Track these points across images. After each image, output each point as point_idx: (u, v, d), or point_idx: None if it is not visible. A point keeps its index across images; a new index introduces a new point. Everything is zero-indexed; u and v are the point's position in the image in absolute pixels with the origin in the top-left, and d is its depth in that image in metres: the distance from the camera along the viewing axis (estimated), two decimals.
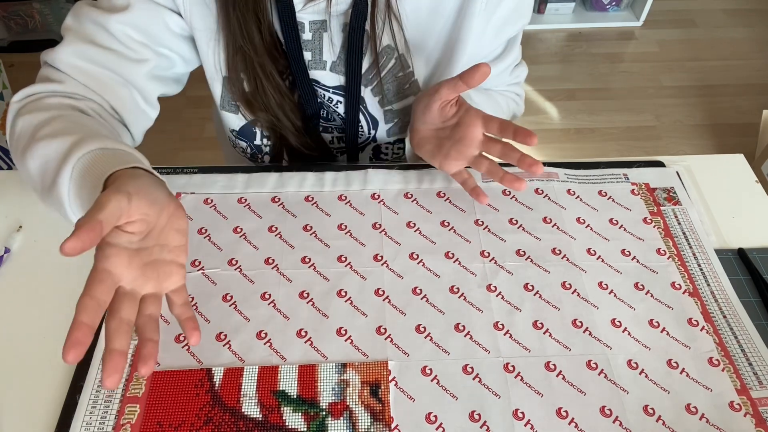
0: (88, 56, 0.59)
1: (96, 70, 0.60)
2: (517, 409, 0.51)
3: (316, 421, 0.49)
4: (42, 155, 0.51)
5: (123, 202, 0.41)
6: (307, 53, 0.66)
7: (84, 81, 0.59)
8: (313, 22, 0.63)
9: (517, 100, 0.81)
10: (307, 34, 0.64)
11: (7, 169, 1.45)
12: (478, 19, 0.63)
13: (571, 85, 2.04)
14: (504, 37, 0.68)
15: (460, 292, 0.58)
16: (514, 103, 0.80)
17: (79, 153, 0.49)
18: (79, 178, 0.48)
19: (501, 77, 0.75)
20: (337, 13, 0.62)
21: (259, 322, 0.56)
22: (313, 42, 0.65)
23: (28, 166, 0.52)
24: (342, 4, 0.61)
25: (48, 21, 2.01)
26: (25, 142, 0.53)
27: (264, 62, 0.63)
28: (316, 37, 0.65)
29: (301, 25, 0.63)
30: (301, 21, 0.63)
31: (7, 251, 0.60)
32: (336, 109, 0.72)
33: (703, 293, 0.59)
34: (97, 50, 0.59)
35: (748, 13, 2.33)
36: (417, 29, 0.65)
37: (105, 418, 0.49)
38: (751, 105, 1.94)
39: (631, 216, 0.66)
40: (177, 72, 0.68)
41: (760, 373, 0.54)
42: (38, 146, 0.51)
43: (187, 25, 0.63)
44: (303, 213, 0.65)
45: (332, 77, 0.68)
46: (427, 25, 0.65)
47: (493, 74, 0.72)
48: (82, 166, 0.49)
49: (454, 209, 0.66)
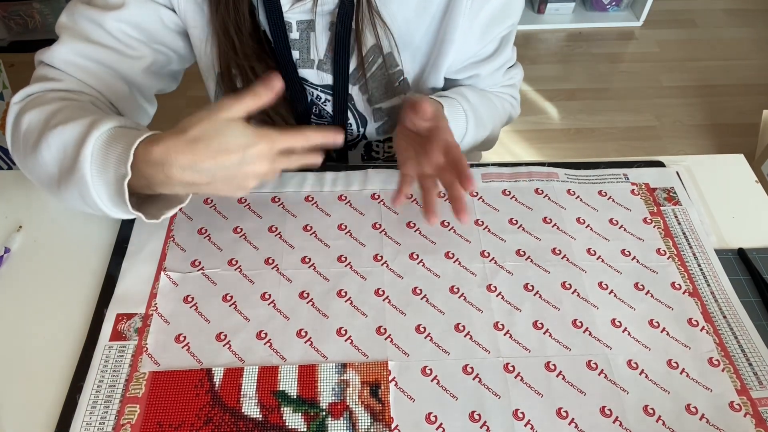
0: (85, 54, 0.60)
1: (93, 67, 0.60)
2: (517, 409, 0.51)
3: (316, 422, 0.49)
4: (59, 141, 0.51)
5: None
6: (295, 52, 0.66)
7: (82, 78, 0.59)
8: (301, 22, 0.64)
9: (513, 102, 0.80)
10: (294, 33, 0.65)
11: (7, 169, 1.45)
12: (464, 17, 0.63)
13: (571, 85, 2.04)
14: (492, 35, 0.67)
15: (460, 292, 0.58)
16: (510, 106, 0.80)
17: (99, 131, 0.49)
18: (101, 155, 0.49)
19: (494, 77, 0.74)
20: (323, 13, 0.63)
21: (259, 322, 0.56)
22: (300, 41, 0.66)
23: (42, 157, 0.52)
24: (328, 3, 0.61)
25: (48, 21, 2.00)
26: (36, 135, 0.53)
27: (253, 62, 0.64)
28: (304, 37, 0.65)
29: (289, 25, 0.64)
30: (289, 21, 0.64)
31: (7, 251, 0.60)
32: (324, 107, 0.72)
33: (703, 293, 0.59)
34: (93, 48, 0.60)
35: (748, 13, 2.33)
36: (404, 28, 0.65)
37: (105, 418, 0.49)
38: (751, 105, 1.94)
39: (631, 216, 0.66)
40: (174, 68, 0.69)
41: (760, 373, 0.54)
42: (53, 134, 0.51)
43: (181, 21, 0.64)
44: (303, 213, 0.65)
45: (319, 76, 0.68)
46: (415, 23, 0.65)
47: (485, 74, 0.72)
48: (102, 142, 0.49)
49: None
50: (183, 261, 0.60)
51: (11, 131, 0.57)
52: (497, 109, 0.76)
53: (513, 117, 0.82)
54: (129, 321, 0.55)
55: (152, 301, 0.56)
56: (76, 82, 0.59)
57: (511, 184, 0.68)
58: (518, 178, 0.69)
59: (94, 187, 0.50)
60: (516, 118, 0.83)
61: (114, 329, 0.54)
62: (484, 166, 0.70)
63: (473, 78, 0.72)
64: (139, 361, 0.52)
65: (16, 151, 0.57)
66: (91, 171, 0.49)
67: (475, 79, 0.72)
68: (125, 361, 0.52)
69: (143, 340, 0.54)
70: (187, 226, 0.63)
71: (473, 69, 0.71)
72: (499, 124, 0.77)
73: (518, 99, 0.82)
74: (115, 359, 0.52)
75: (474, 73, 0.71)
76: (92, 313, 0.56)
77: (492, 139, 0.77)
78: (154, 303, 0.56)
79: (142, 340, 0.54)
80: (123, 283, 0.58)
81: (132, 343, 0.54)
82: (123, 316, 0.55)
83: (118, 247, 0.61)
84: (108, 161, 0.49)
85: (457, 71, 0.71)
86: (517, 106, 0.82)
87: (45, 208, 0.65)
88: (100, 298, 0.57)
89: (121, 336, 0.54)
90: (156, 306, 0.56)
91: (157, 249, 0.60)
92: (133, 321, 0.55)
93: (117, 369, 0.52)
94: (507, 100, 0.79)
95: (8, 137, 0.58)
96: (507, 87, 0.78)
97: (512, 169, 0.69)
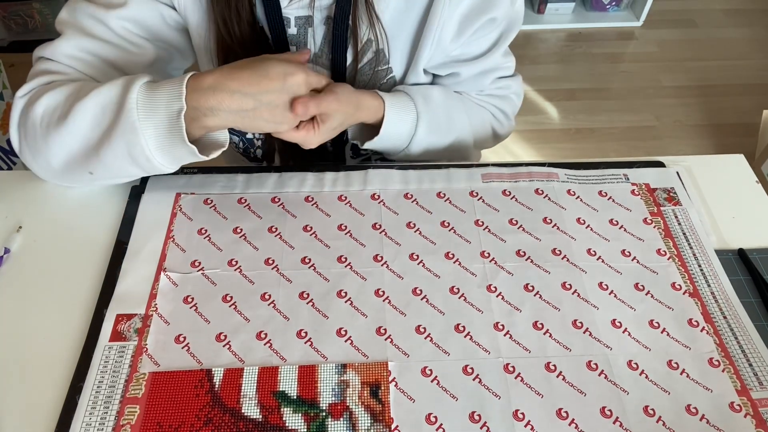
0: (88, 49, 0.60)
1: (96, 62, 0.60)
2: (517, 409, 0.51)
3: (316, 422, 0.49)
4: (94, 104, 0.53)
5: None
6: (292, 47, 0.67)
7: (84, 71, 0.60)
8: (299, 18, 0.64)
9: (497, 115, 0.77)
10: (292, 29, 0.65)
11: (7, 169, 1.45)
12: (445, 10, 0.63)
13: (571, 85, 2.04)
14: (473, 29, 0.66)
15: (460, 293, 0.58)
16: (492, 118, 0.76)
17: (139, 82, 0.53)
18: (146, 100, 0.52)
19: (477, 82, 0.72)
20: (320, 8, 0.63)
21: (259, 323, 0.55)
22: (298, 36, 0.66)
23: (75, 125, 0.54)
24: None
25: (48, 21, 2.00)
26: (62, 109, 0.55)
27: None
28: (302, 32, 0.66)
29: (287, 21, 0.64)
30: (287, 17, 0.64)
31: (7, 251, 0.60)
32: None
33: (703, 294, 0.59)
34: (96, 43, 0.60)
35: (748, 13, 2.33)
36: (393, 23, 0.65)
37: (105, 419, 0.49)
38: (751, 105, 1.94)
39: (632, 216, 0.66)
40: (175, 66, 0.69)
41: (760, 373, 0.54)
42: (86, 99, 0.54)
43: (181, 18, 0.64)
44: (303, 213, 0.64)
45: (315, 70, 0.68)
46: (403, 18, 0.65)
47: (465, 75, 0.70)
48: (145, 90, 0.53)
49: (454, 209, 0.65)
50: (183, 261, 0.60)
51: (18, 123, 0.58)
52: (472, 118, 0.74)
53: (500, 133, 0.79)
54: (129, 321, 0.55)
55: (152, 302, 0.56)
56: (78, 75, 0.60)
57: (511, 184, 0.68)
58: (518, 179, 0.69)
59: (143, 131, 0.52)
60: (505, 135, 0.79)
61: (114, 330, 0.54)
62: (484, 166, 0.70)
63: (453, 77, 0.71)
64: (138, 361, 0.52)
65: (27, 140, 0.57)
66: (138, 115, 0.52)
67: (454, 78, 0.71)
68: (125, 361, 0.52)
69: (143, 340, 0.54)
70: (187, 226, 0.63)
71: (453, 67, 0.70)
72: (472, 135, 0.74)
73: (508, 114, 0.78)
74: (115, 360, 0.52)
75: (453, 71, 0.70)
76: (92, 314, 0.56)
77: (464, 149, 0.75)
78: (154, 303, 0.56)
79: (142, 341, 0.54)
80: (123, 283, 0.58)
81: (132, 343, 0.54)
82: (123, 316, 0.55)
83: (118, 247, 0.61)
84: (156, 103, 0.52)
85: (436, 67, 0.70)
86: (504, 121, 0.78)
87: (45, 208, 0.65)
88: (100, 299, 0.57)
89: (121, 336, 0.54)
90: (156, 306, 0.56)
91: (157, 249, 0.60)
92: (133, 321, 0.55)
93: (117, 369, 0.52)
94: (489, 111, 0.76)
95: (14, 132, 0.58)
96: (495, 98, 0.76)
97: (512, 169, 0.69)
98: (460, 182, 0.68)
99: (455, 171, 0.69)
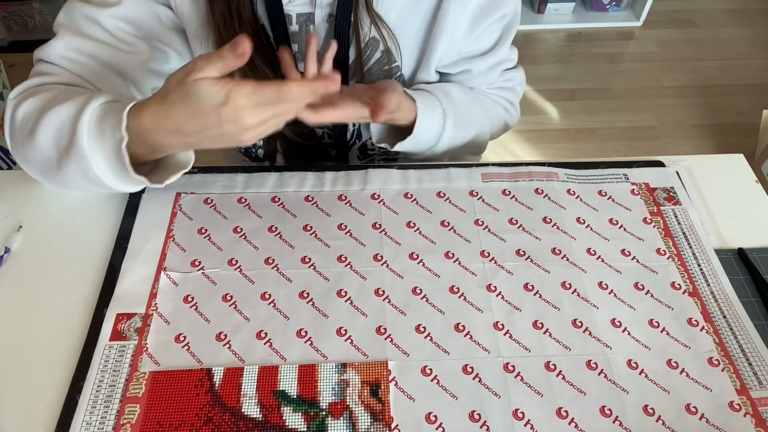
0: (80, 49, 0.60)
1: (89, 62, 0.60)
2: (517, 409, 0.51)
3: (316, 421, 0.49)
4: (55, 120, 0.52)
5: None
6: (294, 45, 0.66)
7: (77, 71, 0.60)
8: (300, 15, 0.64)
9: (508, 108, 0.79)
10: (294, 26, 0.65)
11: (7, 169, 1.45)
12: (456, 7, 0.63)
13: (571, 85, 2.04)
14: (483, 27, 0.67)
15: (460, 292, 0.58)
16: (504, 111, 0.78)
17: (93, 104, 0.51)
18: (97, 125, 0.51)
19: (487, 76, 0.73)
20: (322, 5, 0.63)
21: (259, 322, 0.56)
22: (299, 34, 0.66)
23: (39, 139, 0.53)
24: None
25: (48, 21, 2.01)
26: (33, 120, 0.54)
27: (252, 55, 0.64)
28: (303, 29, 0.65)
29: (288, 18, 0.64)
30: (289, 13, 0.64)
31: (7, 251, 0.60)
32: None
33: (702, 293, 0.59)
34: (89, 43, 0.60)
35: (748, 13, 2.33)
36: (400, 22, 0.65)
37: (105, 418, 0.49)
38: (751, 105, 1.94)
39: (631, 216, 0.66)
40: (171, 66, 0.69)
41: (759, 373, 0.54)
42: (49, 115, 0.53)
43: (177, 17, 0.64)
44: (303, 213, 0.65)
45: None
46: (410, 17, 0.65)
47: (477, 71, 0.71)
48: (98, 114, 0.51)
49: (454, 209, 0.66)
50: (183, 261, 0.60)
51: (9, 126, 0.58)
52: (488, 112, 0.75)
53: (510, 124, 0.81)
54: (129, 321, 0.55)
55: (152, 301, 0.56)
56: (70, 75, 0.59)
57: (511, 184, 0.68)
58: (518, 178, 0.69)
59: (93, 158, 0.51)
60: (514, 124, 0.82)
61: (114, 329, 0.54)
62: (484, 166, 0.70)
63: (465, 74, 0.72)
64: (139, 360, 0.52)
65: (14, 145, 0.58)
66: (88, 142, 0.51)
67: (467, 75, 0.72)
68: (125, 361, 0.52)
69: (143, 339, 0.54)
70: (187, 226, 0.63)
71: (465, 64, 0.70)
72: (489, 128, 0.76)
73: (516, 104, 0.80)
74: (115, 359, 0.52)
75: (466, 68, 0.71)
76: (92, 313, 0.56)
77: (481, 143, 0.76)
78: (154, 303, 0.56)
79: (142, 340, 0.54)
80: (123, 283, 0.58)
81: (132, 343, 0.54)
82: (123, 315, 0.55)
83: (118, 247, 0.61)
84: (104, 130, 0.50)
85: (448, 65, 0.71)
86: (513, 112, 0.80)
87: (45, 208, 0.65)
88: (100, 298, 0.57)
89: (121, 336, 0.54)
90: (156, 306, 0.56)
91: (157, 249, 0.60)
92: (133, 321, 0.55)
93: (117, 369, 0.52)
94: (501, 104, 0.78)
95: (7, 134, 0.59)
96: (503, 90, 0.77)
97: (512, 169, 0.69)
98: (460, 182, 0.68)
99: (455, 170, 0.69)
